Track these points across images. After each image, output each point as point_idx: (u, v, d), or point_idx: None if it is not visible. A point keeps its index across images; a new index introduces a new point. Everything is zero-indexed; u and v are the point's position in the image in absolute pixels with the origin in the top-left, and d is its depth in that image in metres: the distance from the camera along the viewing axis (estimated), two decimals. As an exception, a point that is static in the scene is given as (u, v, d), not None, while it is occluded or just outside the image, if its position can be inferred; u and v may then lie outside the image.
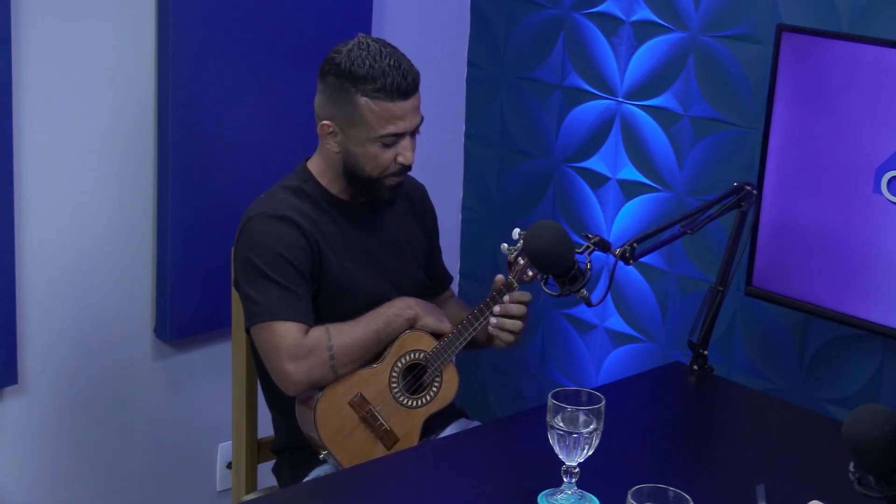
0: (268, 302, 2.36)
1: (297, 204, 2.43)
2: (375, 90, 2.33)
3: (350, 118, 2.36)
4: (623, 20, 3.13)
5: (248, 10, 2.94)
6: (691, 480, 2.06)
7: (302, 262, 2.38)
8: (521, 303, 2.46)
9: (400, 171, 2.42)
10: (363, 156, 2.39)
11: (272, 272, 2.36)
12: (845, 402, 2.77)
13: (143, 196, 2.95)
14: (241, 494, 2.62)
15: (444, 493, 2.12)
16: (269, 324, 2.36)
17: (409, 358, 2.46)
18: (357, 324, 2.41)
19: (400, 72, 2.34)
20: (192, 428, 3.17)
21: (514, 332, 2.46)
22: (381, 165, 2.40)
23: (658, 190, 3.12)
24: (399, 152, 2.39)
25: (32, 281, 2.80)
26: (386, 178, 2.42)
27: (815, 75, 2.59)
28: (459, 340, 2.47)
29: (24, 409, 2.86)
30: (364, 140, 2.37)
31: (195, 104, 2.90)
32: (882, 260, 2.52)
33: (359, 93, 2.34)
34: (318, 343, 2.35)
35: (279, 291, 2.36)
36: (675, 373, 2.70)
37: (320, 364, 2.36)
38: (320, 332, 2.37)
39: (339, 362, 2.37)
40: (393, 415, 2.43)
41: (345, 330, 2.39)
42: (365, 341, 2.40)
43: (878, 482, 1.77)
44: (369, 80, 2.33)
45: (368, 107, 2.34)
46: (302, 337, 2.35)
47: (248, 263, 2.39)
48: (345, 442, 2.39)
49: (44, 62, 2.72)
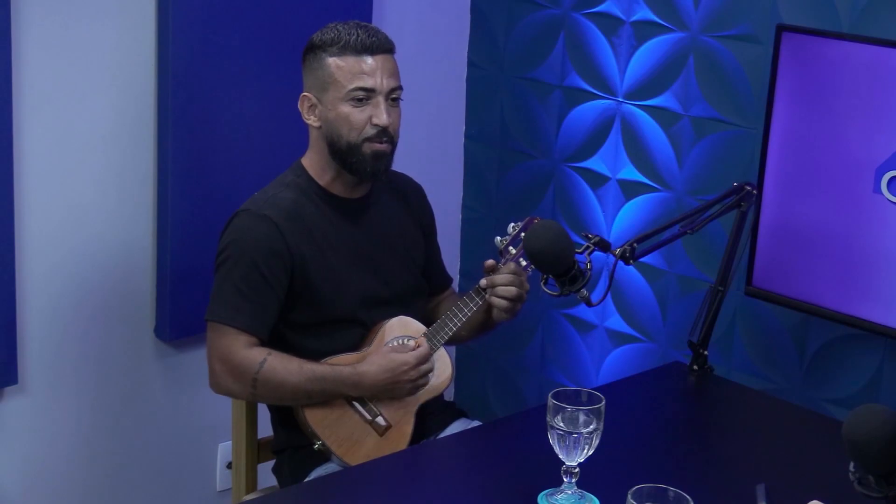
0: (222, 302, 2.39)
1: (287, 197, 2.43)
2: (340, 47, 2.39)
3: (322, 83, 2.40)
4: (623, 20, 3.13)
5: (247, 10, 2.94)
6: (691, 480, 2.06)
7: (270, 265, 2.38)
8: (511, 272, 2.45)
9: (378, 135, 2.40)
10: (338, 119, 2.40)
11: (237, 274, 2.38)
12: (845, 402, 2.78)
13: (143, 196, 2.95)
14: (241, 494, 2.62)
15: (445, 493, 2.12)
16: (218, 325, 2.39)
17: (397, 343, 2.45)
18: (300, 372, 2.36)
19: (367, 31, 2.40)
20: (192, 428, 3.17)
21: (506, 298, 2.45)
22: (357, 127, 2.39)
23: (658, 190, 3.12)
24: (373, 113, 2.39)
25: (33, 281, 2.80)
26: (364, 143, 2.40)
27: (815, 75, 2.59)
28: (450, 325, 2.46)
29: (24, 409, 2.86)
30: (336, 101, 2.39)
31: (195, 104, 2.90)
32: (882, 260, 2.52)
33: (327, 55, 2.40)
34: (248, 366, 2.36)
35: (236, 295, 2.38)
36: (675, 373, 2.69)
37: (241, 384, 2.38)
38: (256, 358, 2.36)
39: (258, 392, 2.38)
40: (383, 401, 2.43)
41: (281, 371, 2.36)
42: (294, 391, 2.37)
43: (878, 482, 1.77)
44: (335, 42, 2.39)
45: (336, 64, 2.39)
46: (239, 349, 2.37)
47: (221, 258, 2.42)
48: (333, 426, 2.39)
49: (44, 62, 2.72)
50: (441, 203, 2.75)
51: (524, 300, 2.48)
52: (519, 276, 2.45)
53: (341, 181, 2.48)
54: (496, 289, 2.45)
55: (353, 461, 2.36)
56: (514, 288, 2.44)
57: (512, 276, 2.45)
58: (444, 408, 2.57)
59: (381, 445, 2.39)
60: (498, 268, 2.46)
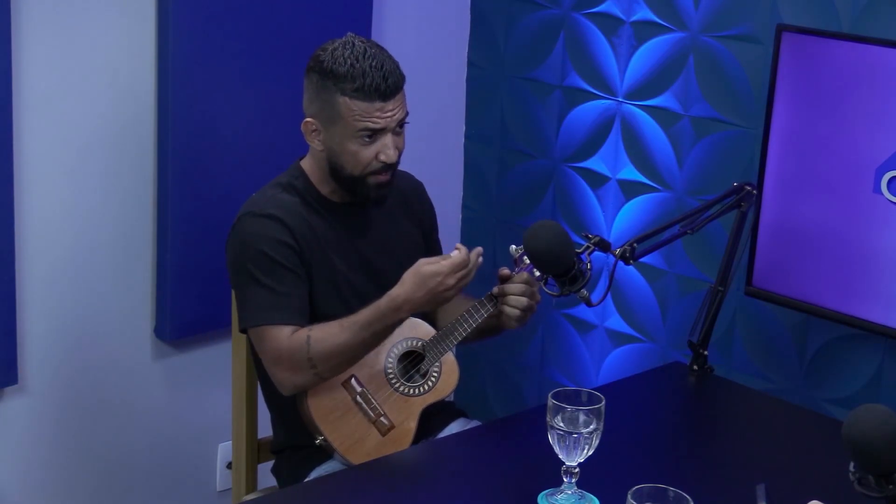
0: (254, 306, 2.37)
1: (287, 199, 2.43)
2: (354, 90, 2.33)
3: (330, 116, 2.37)
4: (623, 20, 3.13)
5: (247, 11, 2.94)
6: (691, 480, 2.06)
7: (288, 257, 2.38)
8: (523, 283, 2.45)
9: (383, 168, 2.41)
10: (344, 154, 2.39)
11: (258, 273, 2.37)
12: (845, 402, 2.78)
13: (143, 196, 2.95)
14: (241, 494, 2.62)
15: (444, 493, 2.12)
16: (256, 329, 2.38)
17: (406, 345, 2.45)
18: (343, 330, 2.35)
19: (381, 73, 2.34)
20: (192, 428, 3.17)
21: (517, 308, 2.45)
22: (362, 163, 2.39)
23: (658, 190, 3.12)
24: (380, 150, 2.38)
25: (32, 281, 2.80)
26: (369, 176, 2.40)
27: (815, 75, 2.59)
28: (459, 331, 2.45)
29: (24, 409, 2.86)
30: (344, 137, 2.37)
31: (195, 104, 2.90)
32: (882, 260, 2.52)
33: (338, 91, 2.35)
34: (297, 350, 2.34)
35: (264, 293, 2.36)
36: (675, 373, 2.70)
37: (302, 371, 2.35)
38: (301, 339, 2.34)
39: (322, 369, 2.35)
40: (387, 401, 2.43)
41: (327, 337, 2.34)
42: (348, 348, 2.35)
43: (878, 482, 1.77)
44: (348, 80, 2.33)
45: (346, 105, 2.34)
46: (284, 340, 2.35)
47: (236, 265, 2.41)
48: (337, 423, 2.39)
49: (44, 62, 2.72)
50: (441, 203, 2.75)
51: (534, 311, 2.48)
52: (531, 286, 2.45)
53: (340, 193, 2.47)
54: (507, 298, 2.44)
55: (355, 460, 2.36)
56: (524, 299, 2.44)
57: (524, 286, 2.45)
58: (443, 408, 2.57)
59: (384, 445, 2.39)
60: (511, 276, 2.46)
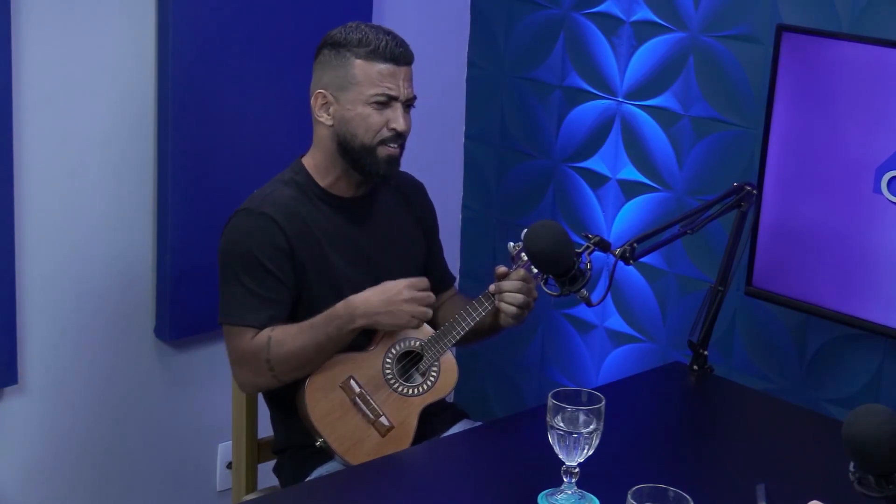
0: (230, 303, 2.40)
1: (287, 193, 2.44)
2: (369, 52, 2.39)
3: (343, 82, 2.40)
4: (623, 20, 3.13)
5: (247, 10, 2.94)
6: (691, 480, 2.06)
7: (275, 259, 2.39)
8: (520, 280, 2.46)
9: (393, 138, 2.42)
10: (355, 119, 2.40)
11: (242, 272, 2.39)
12: (845, 402, 2.78)
13: (143, 196, 2.95)
14: (241, 494, 2.62)
15: (444, 493, 2.12)
16: (227, 326, 2.41)
17: (403, 345, 2.46)
18: (301, 332, 2.37)
19: (395, 40, 2.41)
20: (192, 428, 3.17)
21: (514, 305, 2.45)
22: (373, 129, 2.40)
23: (658, 190, 3.13)
24: (391, 118, 2.41)
25: (32, 281, 2.80)
26: (379, 145, 2.42)
27: (815, 75, 2.59)
28: (457, 329, 2.46)
29: (24, 409, 2.86)
30: (356, 102, 2.40)
31: (195, 104, 2.90)
32: (882, 260, 2.52)
33: (353, 55, 2.39)
34: (258, 352, 2.36)
35: (243, 293, 2.38)
36: (675, 373, 2.70)
37: (261, 372, 2.37)
38: (262, 340, 2.36)
39: (279, 371, 2.37)
40: (386, 401, 2.43)
41: (286, 340, 2.36)
42: (304, 352, 2.36)
43: (878, 482, 1.77)
44: (364, 44, 2.39)
45: (362, 67, 2.38)
46: (247, 341, 2.37)
47: (222, 260, 2.43)
48: (336, 424, 2.39)
49: (44, 62, 2.72)
50: (441, 203, 2.75)
51: (531, 308, 2.48)
52: (527, 283, 2.46)
53: (345, 181, 2.48)
54: (504, 294, 2.45)
55: (355, 461, 2.36)
56: (521, 295, 2.45)
57: (520, 283, 2.45)
58: (445, 409, 2.57)
59: (384, 446, 2.39)
60: (508, 274, 2.46)
